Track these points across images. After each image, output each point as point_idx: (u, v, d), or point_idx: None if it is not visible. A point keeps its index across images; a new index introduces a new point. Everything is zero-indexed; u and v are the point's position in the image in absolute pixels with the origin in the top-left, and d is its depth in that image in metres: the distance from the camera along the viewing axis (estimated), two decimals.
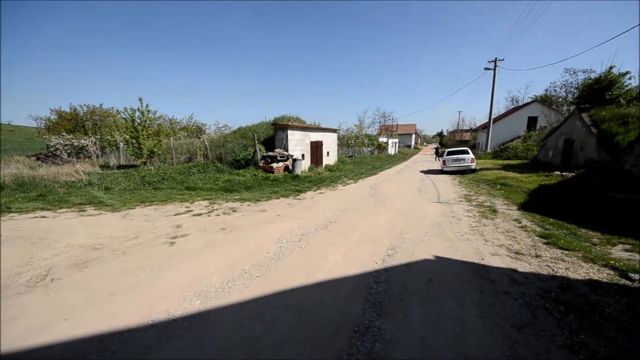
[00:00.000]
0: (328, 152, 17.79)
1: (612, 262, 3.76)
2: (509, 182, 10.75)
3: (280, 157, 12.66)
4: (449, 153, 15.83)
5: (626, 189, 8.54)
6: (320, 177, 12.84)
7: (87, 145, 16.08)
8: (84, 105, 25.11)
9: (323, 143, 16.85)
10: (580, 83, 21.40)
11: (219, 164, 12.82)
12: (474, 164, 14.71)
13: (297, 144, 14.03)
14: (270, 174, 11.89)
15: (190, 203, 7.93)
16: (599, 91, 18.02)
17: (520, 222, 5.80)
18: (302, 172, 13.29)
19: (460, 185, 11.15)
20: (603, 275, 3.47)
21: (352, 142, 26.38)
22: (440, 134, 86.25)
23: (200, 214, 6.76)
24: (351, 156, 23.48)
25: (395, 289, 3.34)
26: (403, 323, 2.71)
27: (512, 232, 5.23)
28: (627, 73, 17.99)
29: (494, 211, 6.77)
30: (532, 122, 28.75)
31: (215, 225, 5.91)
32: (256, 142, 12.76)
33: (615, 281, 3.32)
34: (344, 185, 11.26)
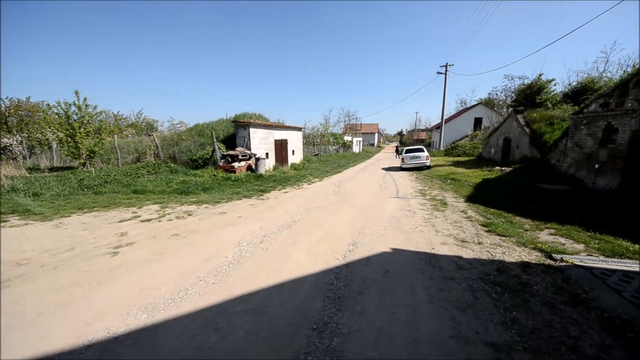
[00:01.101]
0: (293, 151, 17.65)
1: (539, 245, 4.32)
2: (458, 177, 11.77)
3: (242, 156, 12.21)
4: (407, 151, 16.81)
5: (552, 181, 9.93)
6: (286, 176, 12.68)
7: (11, 144, 13.77)
8: (6, 98, 21.43)
9: (288, 141, 16.66)
10: (516, 88, 24.34)
11: (172, 164, 11.90)
12: (429, 161, 15.82)
13: (261, 142, 13.66)
14: (232, 174, 11.38)
15: (138, 208, 7.24)
16: (530, 95, 20.67)
17: (466, 213, 6.37)
18: (266, 171, 12.99)
19: (416, 181, 11.90)
20: (532, 257, 3.96)
21: (318, 140, 26.57)
22: (400, 133, 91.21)
23: (149, 220, 6.20)
24: (317, 154, 23.63)
25: (354, 283, 3.42)
26: (361, 315, 2.78)
27: (459, 222, 5.72)
28: (552, 80, 20.93)
29: (445, 204, 7.34)
30: (477, 122, 31.85)
31: (167, 231, 5.47)
32: (215, 140, 12.10)
33: (541, 262, 3.81)
34: (309, 184, 11.27)
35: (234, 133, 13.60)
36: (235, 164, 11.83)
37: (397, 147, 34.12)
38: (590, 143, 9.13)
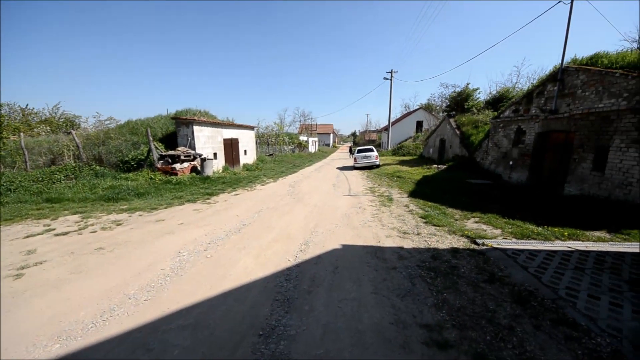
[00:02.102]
0: (245, 151, 16.92)
1: (466, 232, 4.91)
2: (403, 174, 12.76)
3: (185, 156, 11.20)
4: (359, 151, 17.61)
5: (478, 176, 11.44)
6: (237, 178, 12.07)
7: None
8: None
9: (239, 141, 15.90)
10: (449, 95, 27.48)
11: (97, 167, 10.29)
12: (378, 160, 16.83)
13: (207, 141, 12.73)
14: (173, 177, 10.33)
15: (53, 219, 6.10)
16: (460, 102, 23.55)
17: (408, 207, 6.92)
18: (214, 172, 12.16)
19: (367, 179, 12.52)
20: (460, 243, 4.47)
21: (273, 140, 26.03)
22: (354, 134, 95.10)
23: (66, 233, 5.26)
24: (272, 155, 23.09)
25: (304, 282, 3.40)
26: (309, 314, 2.77)
27: (402, 216, 6.18)
28: (477, 89, 24.20)
29: (391, 200, 7.86)
30: (419, 125, 35.08)
31: (89, 245, 4.70)
32: (151, 139, 10.84)
33: (468, 247, 4.32)
34: (262, 185, 10.93)
35: (175, 131, 12.38)
36: (177, 165, 10.78)
37: (350, 147, 35.51)
38: (505, 143, 10.79)
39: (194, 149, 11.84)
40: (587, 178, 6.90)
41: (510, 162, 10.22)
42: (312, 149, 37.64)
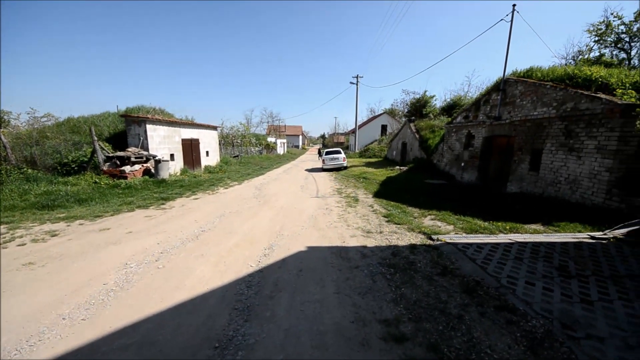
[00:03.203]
0: (208, 152, 16.07)
1: (423, 229, 5.21)
2: (369, 175, 13.20)
3: (137, 157, 10.26)
4: (327, 153, 17.84)
5: (435, 176, 12.27)
6: (197, 181, 11.38)
7: None
8: None
9: (200, 141, 15.04)
10: (409, 101, 29.21)
11: (29, 170, 8.96)
12: (345, 162, 17.21)
13: (163, 141, 11.82)
14: (122, 180, 9.37)
15: None
16: (419, 108, 25.15)
17: (373, 207, 7.15)
18: (171, 175, 11.33)
19: (335, 180, 12.70)
20: (418, 239, 4.73)
21: (239, 141, 25.13)
22: (323, 136, 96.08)
23: None
24: (237, 156, 22.23)
25: (267, 288, 3.29)
26: (270, 321, 2.68)
27: (367, 215, 6.36)
28: (433, 96, 26.07)
29: (357, 200, 8.06)
30: (383, 129, 36.72)
31: (15, 260, 4.05)
32: (95, 138, 9.72)
33: (424, 243, 4.58)
34: (226, 188, 10.46)
35: (125, 130, 11.29)
36: (127, 168, 9.82)
37: (319, 149, 35.82)
38: (458, 147, 11.74)
39: (147, 149, 10.91)
40: (525, 177, 7.80)
41: (462, 164, 11.16)
42: (280, 150, 37.15)
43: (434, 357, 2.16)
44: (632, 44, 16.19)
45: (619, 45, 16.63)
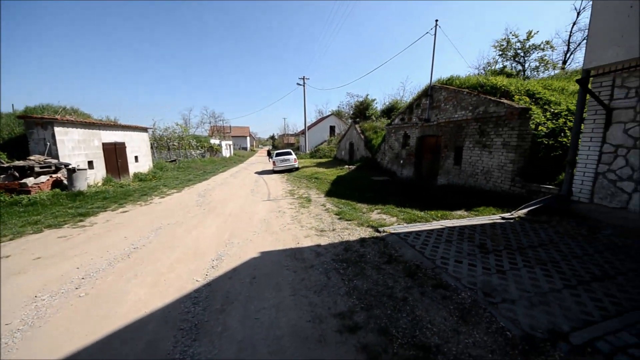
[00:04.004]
0: (137, 157, 14.17)
1: (371, 222, 5.56)
2: (320, 175, 13.49)
3: (43, 167, 8.47)
4: (277, 155, 17.61)
5: (379, 173, 13.21)
6: (125, 191, 9.95)
7: None
8: None
9: (127, 145, 13.20)
10: (354, 103, 30.88)
11: None
12: (297, 163, 17.25)
13: (78, 147, 10.01)
14: (23, 196, 7.64)
15: None
16: (362, 110, 26.76)
17: (325, 206, 7.33)
18: (89, 186, 9.69)
19: (287, 182, 12.62)
20: (367, 233, 5.03)
21: (176, 144, 22.88)
22: (272, 137, 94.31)
23: None
24: (175, 160, 20.15)
25: (216, 301, 3.08)
26: (221, 335, 2.52)
27: (320, 215, 6.49)
28: (374, 99, 28.04)
29: (309, 200, 8.16)
30: (332, 129, 38.00)
31: None
32: None
33: (372, 235, 4.89)
34: (162, 197, 9.40)
35: (25, 134, 9.21)
36: (29, 180, 8.02)
37: (269, 150, 35.09)
38: (397, 146, 12.88)
39: (56, 157, 9.10)
40: (451, 171, 8.99)
41: (401, 161, 12.29)
42: (226, 153, 35.04)
43: (384, 340, 2.33)
44: (526, 58, 20.25)
45: (516, 59, 20.58)
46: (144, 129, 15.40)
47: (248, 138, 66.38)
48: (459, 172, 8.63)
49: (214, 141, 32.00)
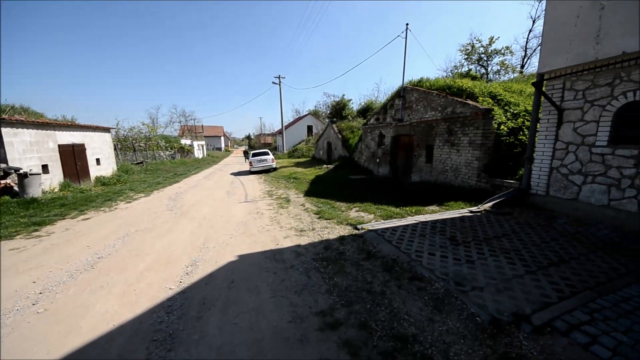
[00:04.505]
0: (99, 160, 13.09)
1: (350, 220, 5.65)
2: (299, 175, 13.44)
3: None
4: (254, 155, 17.23)
5: (357, 172, 13.45)
6: (86, 196, 9.15)
7: None
8: None
9: (87, 147, 12.15)
10: (330, 103, 31.15)
11: None
12: (275, 163, 17.01)
13: (30, 149, 9.03)
14: None
15: None
16: (339, 110, 27.07)
17: (304, 206, 7.31)
18: (45, 192, 8.82)
19: (265, 182, 12.40)
20: (346, 231, 5.10)
21: (142, 144, 21.54)
22: (248, 137, 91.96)
23: None
24: (142, 162, 18.92)
25: (192, 309, 2.95)
26: (199, 343, 2.42)
27: (299, 215, 6.47)
28: (350, 100, 28.49)
29: (288, 201, 8.09)
30: (309, 129, 38.01)
31: None
32: None
33: (351, 233, 4.97)
34: (128, 202, 8.79)
35: None
36: None
37: (244, 151, 34.26)
38: (373, 145, 13.20)
39: (5, 161, 8.16)
40: (423, 168, 9.40)
41: (377, 160, 12.62)
42: (198, 154, 33.53)
43: (364, 334, 2.38)
44: (488, 62, 21.72)
45: (480, 63, 22.01)
46: (106, 129, 14.29)
47: (222, 138, 64.25)
48: (430, 170, 9.05)
49: (185, 141, 30.55)
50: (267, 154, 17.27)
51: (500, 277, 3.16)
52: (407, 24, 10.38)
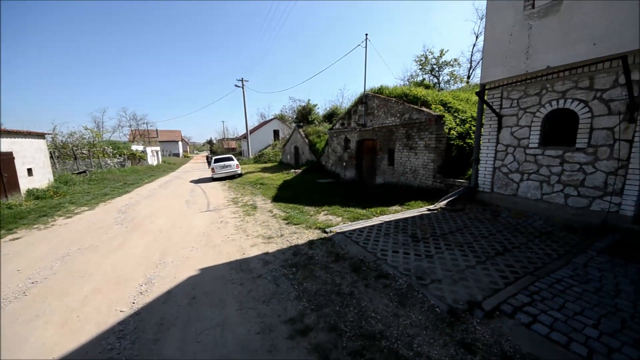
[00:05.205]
0: (31, 170, 11.35)
1: (318, 224, 5.67)
2: (266, 181, 13.15)
3: None
4: (217, 161, 16.45)
5: (324, 176, 13.60)
6: (15, 213, 7.87)
7: None
8: None
9: (16, 156, 10.50)
10: (296, 108, 31.24)
11: None
12: (240, 169, 16.43)
13: None
14: None
15: None
16: (305, 114, 27.27)
17: (272, 212, 7.17)
18: None
19: (229, 189, 11.88)
20: (315, 235, 5.10)
21: (85, 151, 19.30)
22: (210, 142, 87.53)
23: None
24: (84, 172, 16.86)
25: (148, 331, 2.69)
26: None
27: (267, 221, 6.31)
28: (316, 104, 28.88)
29: (255, 207, 7.85)
30: (276, 133, 37.56)
31: None
32: None
33: (320, 237, 4.99)
34: (68, 217, 7.75)
35: None
36: None
37: (207, 156, 32.55)
38: (339, 149, 13.50)
39: None
40: (386, 171, 9.87)
41: (344, 164, 12.93)
42: (152, 160, 30.90)
43: (334, 336, 2.39)
44: (439, 72, 23.73)
45: (432, 73, 23.95)
46: (40, 135, 12.49)
47: (180, 143, 60.29)
48: (392, 172, 9.53)
49: (137, 147, 27.98)
50: (230, 159, 16.62)
51: (455, 269, 3.43)
52: (366, 34, 10.91)
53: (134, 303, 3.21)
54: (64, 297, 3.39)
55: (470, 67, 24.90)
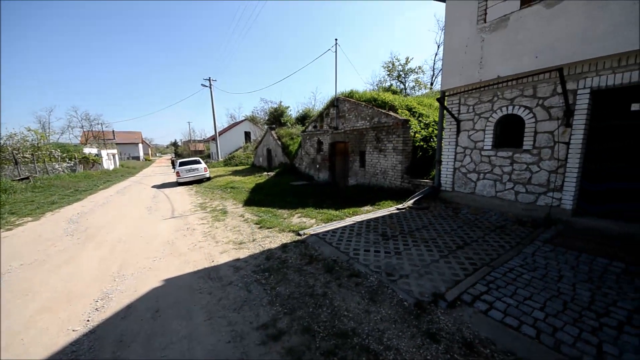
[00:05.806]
0: None
1: (292, 227, 5.63)
2: (237, 184, 12.75)
3: None
4: (182, 164, 15.59)
5: (298, 178, 13.56)
6: None
7: None
8: None
9: None
10: (268, 109, 30.82)
11: None
12: (207, 172, 15.72)
13: None
14: None
15: None
16: (277, 116, 27.02)
17: (244, 216, 6.97)
18: None
19: (197, 194, 11.32)
20: (288, 238, 5.06)
21: (29, 156, 17.20)
22: (175, 144, 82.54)
23: None
24: (27, 178, 14.99)
25: (106, 350, 2.47)
26: None
27: (238, 226, 6.12)
28: (288, 107, 28.77)
29: (225, 212, 7.58)
30: (247, 135, 36.63)
31: None
32: None
33: (294, 239, 4.96)
34: (8, 230, 6.79)
35: None
36: None
37: (172, 159, 30.72)
38: (313, 151, 13.57)
39: None
40: (358, 172, 10.13)
41: (317, 166, 13.02)
42: (108, 164, 28.33)
43: (307, 338, 2.39)
44: (405, 78, 24.98)
45: (399, 79, 25.14)
46: None
47: (141, 145, 56.12)
48: (364, 173, 9.81)
49: (90, 150, 25.49)
50: (197, 162, 15.87)
51: (421, 264, 3.63)
52: (336, 40, 11.17)
53: (88, 321, 2.92)
54: (4, 320, 2.97)
55: (433, 75, 26.61)
